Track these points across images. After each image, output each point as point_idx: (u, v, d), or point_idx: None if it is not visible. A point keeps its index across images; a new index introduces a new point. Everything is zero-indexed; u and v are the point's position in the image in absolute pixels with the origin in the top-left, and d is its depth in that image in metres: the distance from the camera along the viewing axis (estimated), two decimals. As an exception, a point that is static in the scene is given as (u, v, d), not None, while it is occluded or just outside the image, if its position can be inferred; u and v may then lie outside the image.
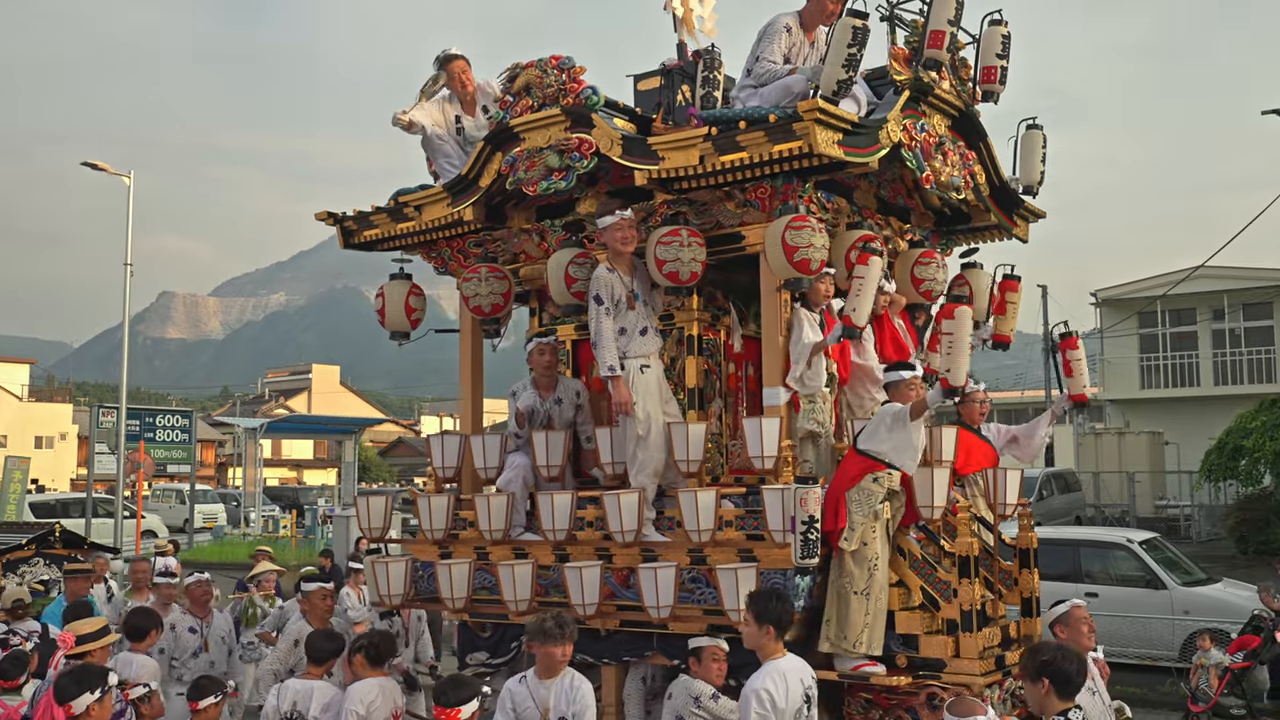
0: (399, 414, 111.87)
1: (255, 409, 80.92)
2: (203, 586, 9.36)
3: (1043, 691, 4.52)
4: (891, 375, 6.75)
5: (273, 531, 35.58)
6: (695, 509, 6.48)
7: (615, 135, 6.86)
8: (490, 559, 7.53)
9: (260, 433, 40.65)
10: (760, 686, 5.25)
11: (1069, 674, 4.50)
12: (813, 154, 6.29)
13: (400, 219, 7.91)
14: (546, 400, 7.62)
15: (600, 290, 6.94)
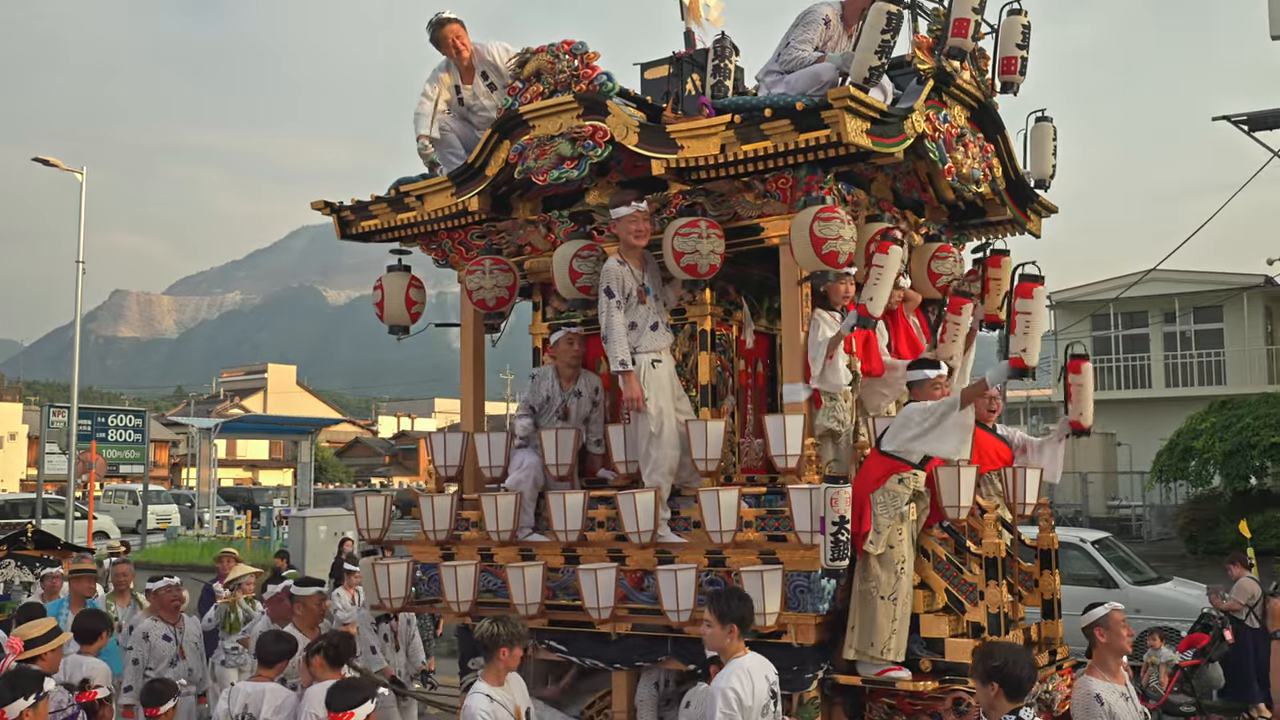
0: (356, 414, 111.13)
1: (210, 409, 79.85)
2: (173, 592, 8.96)
3: (992, 694, 4.56)
4: (916, 374, 6.49)
5: (227, 532, 35.02)
6: (717, 509, 6.18)
7: (632, 123, 6.55)
8: (496, 560, 7.18)
9: (215, 433, 39.94)
10: (727, 685, 5.14)
11: (1020, 678, 4.53)
12: (841, 143, 6.00)
13: (401, 209, 7.54)
14: (566, 391, 7.29)
15: (611, 283, 6.63)
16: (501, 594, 7.12)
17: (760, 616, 5.97)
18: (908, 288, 7.31)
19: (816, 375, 6.47)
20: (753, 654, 5.38)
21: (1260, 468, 25.14)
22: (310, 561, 19.83)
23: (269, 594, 8.52)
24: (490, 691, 5.72)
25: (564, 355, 7.28)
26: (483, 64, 7.53)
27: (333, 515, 26.01)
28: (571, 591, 6.90)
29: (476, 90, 7.54)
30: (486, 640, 5.81)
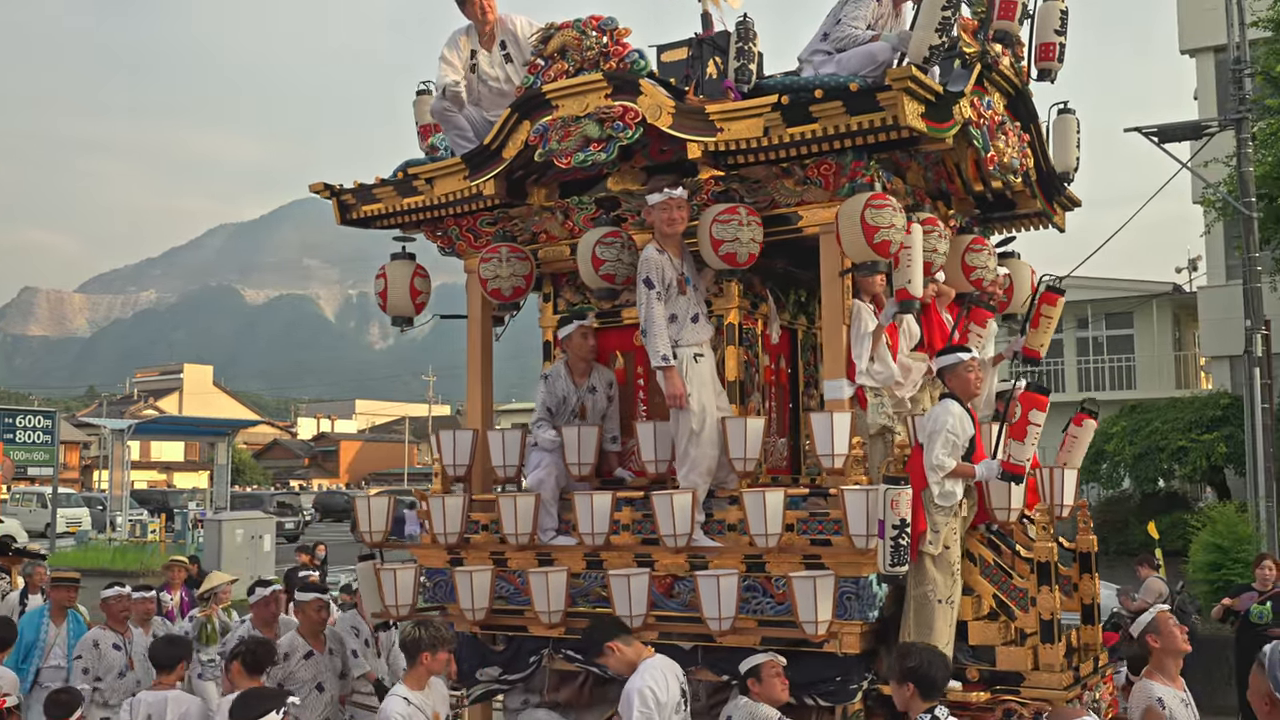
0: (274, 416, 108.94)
1: (123, 409, 77.65)
2: (122, 601, 8.30)
3: (908, 694, 4.59)
4: (947, 359, 6.09)
5: (140, 536, 33.74)
6: (763, 511, 5.70)
7: (667, 103, 6.06)
8: (510, 565, 6.64)
9: (128, 434, 38.58)
10: (644, 685, 5.10)
11: (934, 678, 4.57)
12: (896, 127, 5.57)
13: (408, 193, 6.97)
14: (580, 387, 6.77)
15: (651, 273, 6.13)
16: (515, 600, 6.60)
17: (811, 625, 5.54)
18: (941, 282, 6.89)
19: (863, 369, 6.03)
20: (661, 655, 5.34)
21: (1168, 470, 25.41)
22: (226, 566, 18.98)
23: (255, 598, 7.88)
24: (409, 695, 5.61)
25: (578, 349, 6.77)
26: (504, 33, 6.98)
27: (250, 518, 25.19)
28: (593, 598, 6.40)
29: (493, 59, 6.97)
30: (409, 644, 5.70)
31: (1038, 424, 5.74)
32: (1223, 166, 18.38)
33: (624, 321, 7.02)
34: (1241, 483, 16.59)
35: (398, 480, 73.66)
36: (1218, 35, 19.64)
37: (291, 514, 42.26)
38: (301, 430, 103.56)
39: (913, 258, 5.90)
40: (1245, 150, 16.11)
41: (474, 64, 6.92)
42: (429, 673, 5.72)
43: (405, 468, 78.30)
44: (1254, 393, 15.29)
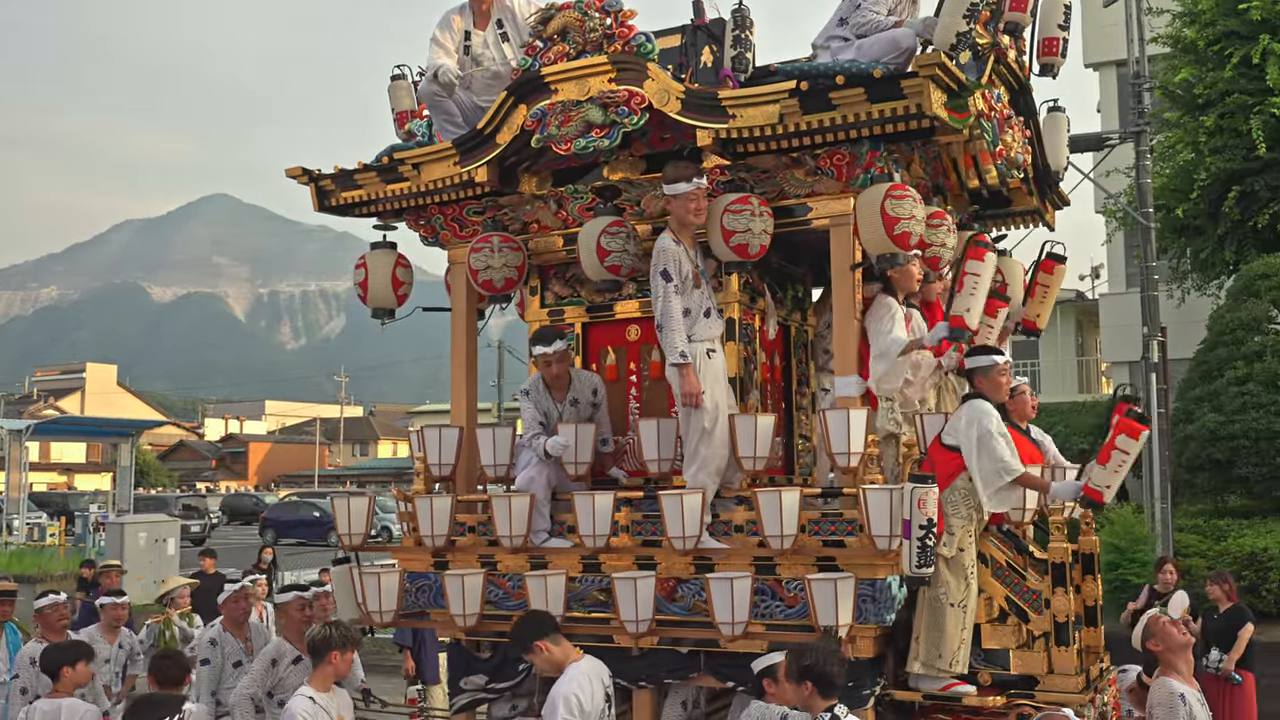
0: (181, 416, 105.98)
1: (22, 409, 74.80)
2: (59, 610, 7.72)
3: (806, 693, 4.52)
4: (981, 360, 5.84)
5: (39, 540, 32.35)
6: (778, 511, 5.39)
7: (675, 88, 5.73)
8: (500, 569, 6.25)
9: (26, 434, 36.84)
10: (570, 691, 4.89)
11: (831, 675, 4.50)
12: (919, 116, 5.32)
13: (393, 179, 6.54)
14: (561, 404, 6.39)
15: (668, 264, 5.79)
16: (504, 605, 6.21)
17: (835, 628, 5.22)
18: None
19: (879, 374, 5.76)
20: (588, 658, 5.14)
21: (1073, 473, 25.57)
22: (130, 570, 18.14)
23: (223, 596, 7.38)
24: (314, 695, 5.41)
25: (546, 376, 6.41)
26: (501, 10, 6.59)
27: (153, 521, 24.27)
28: (589, 603, 6.04)
29: (487, 38, 6.58)
30: (318, 643, 5.54)
31: (1126, 452, 5.39)
32: (1123, 177, 18.65)
33: (615, 316, 6.68)
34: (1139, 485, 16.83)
35: (308, 482, 72.15)
36: (1119, 50, 19.91)
37: (197, 517, 41.09)
38: (209, 431, 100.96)
39: (977, 286, 5.64)
40: (1144, 162, 16.37)
41: (467, 44, 6.53)
42: (336, 673, 5.54)
43: (316, 469, 76.68)
44: (1150, 397, 15.49)
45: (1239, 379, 14.95)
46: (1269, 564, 13.31)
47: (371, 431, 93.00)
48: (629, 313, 6.63)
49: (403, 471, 75.82)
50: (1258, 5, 16.89)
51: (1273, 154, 17.34)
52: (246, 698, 6.45)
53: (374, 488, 65.42)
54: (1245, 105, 17.15)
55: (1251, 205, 17.87)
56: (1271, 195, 17.65)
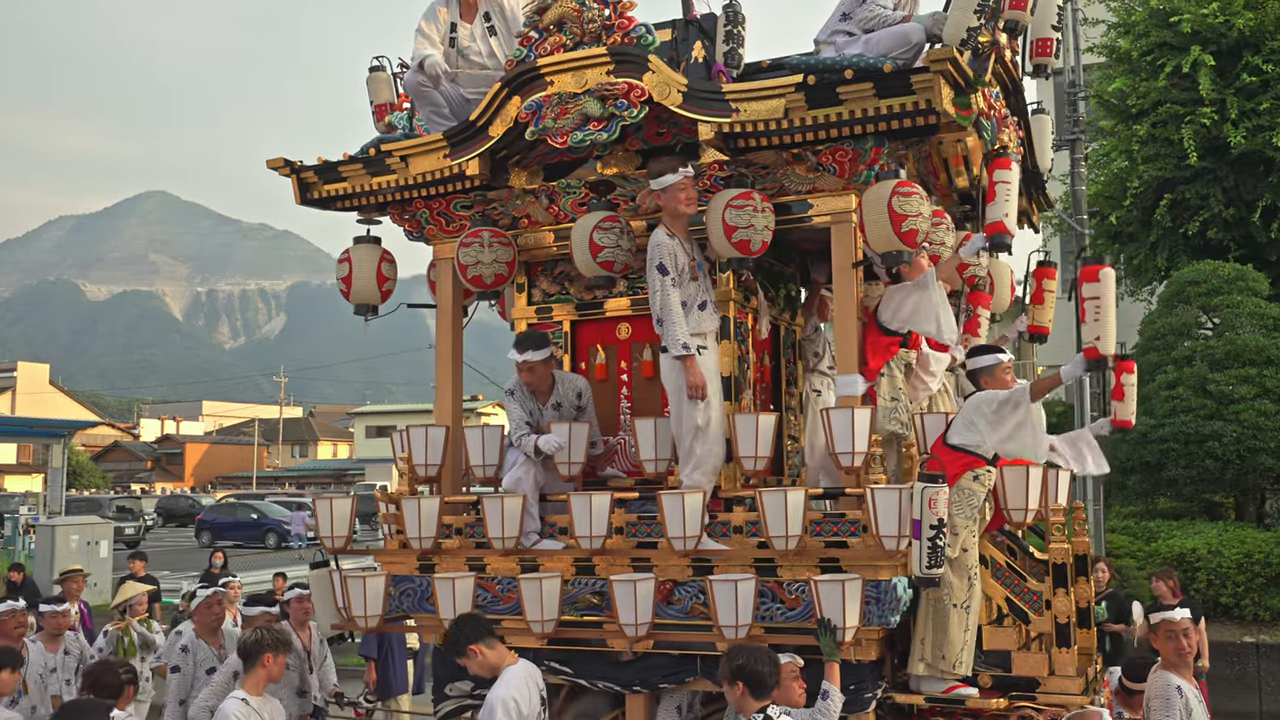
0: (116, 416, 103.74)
1: (-50, 409, 72.84)
2: (16, 618, 7.39)
3: (738, 693, 4.53)
4: (985, 359, 5.75)
5: (-35, 543, 31.37)
6: (784, 512, 5.23)
7: (678, 81, 5.56)
8: (489, 572, 6.04)
9: (-46, 435, 35.86)
10: (507, 695, 4.85)
11: (763, 675, 4.51)
12: (928, 111, 5.19)
13: (379, 171, 6.30)
14: (545, 408, 6.19)
15: (664, 258, 5.62)
16: (493, 609, 5.99)
17: (838, 632, 5.07)
18: None
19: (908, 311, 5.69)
20: (523, 662, 5.13)
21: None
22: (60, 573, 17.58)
23: (196, 601, 7.09)
24: (247, 697, 5.43)
25: (526, 381, 6.19)
26: (489, 3, 6.36)
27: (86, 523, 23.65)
28: (582, 606, 5.84)
29: (474, 31, 6.36)
30: (250, 646, 5.57)
31: (1096, 296, 5.49)
32: (1059, 184, 18.89)
33: (606, 314, 6.49)
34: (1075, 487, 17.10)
35: (246, 484, 71.02)
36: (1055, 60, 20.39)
37: (131, 518, 40.15)
38: (144, 432, 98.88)
39: (1010, 195, 5.63)
40: (1079, 170, 16.56)
41: (453, 37, 6.31)
42: (269, 677, 5.55)
43: (254, 471, 75.48)
44: (1084, 401, 15.67)
45: (1169, 383, 15.11)
46: (1197, 565, 13.47)
47: (311, 432, 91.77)
48: (620, 310, 6.44)
49: (343, 473, 74.84)
50: (1189, 18, 17.16)
51: (1203, 163, 17.63)
52: (206, 710, 6.18)
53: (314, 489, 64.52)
54: (1177, 115, 17.41)
55: (1182, 213, 18.17)
56: (1201, 203, 17.95)
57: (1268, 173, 17.81)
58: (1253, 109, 17.27)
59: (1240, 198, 17.99)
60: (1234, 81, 17.50)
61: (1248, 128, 17.19)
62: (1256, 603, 13.35)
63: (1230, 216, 17.94)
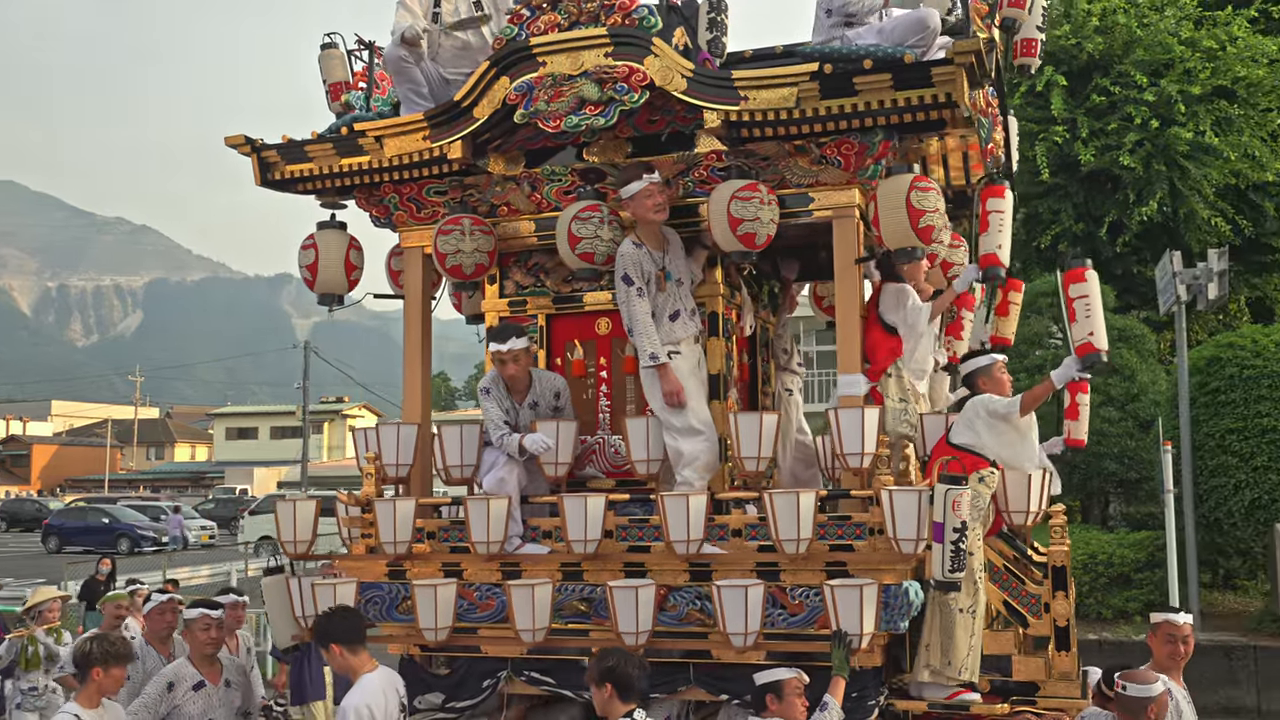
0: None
1: None
2: None
3: (606, 695, 4.46)
4: (981, 360, 5.61)
5: None
6: (795, 514, 4.97)
7: (683, 66, 5.26)
8: (467, 578, 5.64)
9: None
10: (361, 702, 4.71)
11: (631, 677, 4.45)
12: (946, 105, 5.00)
13: (350, 152, 5.85)
14: (521, 407, 5.83)
15: (629, 269, 5.39)
16: (469, 617, 5.60)
17: (855, 638, 4.83)
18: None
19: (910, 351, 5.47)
20: (382, 669, 4.95)
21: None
22: None
23: (149, 606, 6.52)
24: (80, 712, 5.18)
25: (504, 375, 5.84)
26: None
27: None
28: (568, 613, 5.49)
29: (458, 6, 5.96)
30: (80, 659, 5.30)
31: (1085, 296, 5.40)
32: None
33: (584, 308, 6.15)
34: None
35: (98, 487, 67.92)
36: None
37: (-29, 523, 37.97)
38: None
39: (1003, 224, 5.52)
40: None
41: (436, 11, 5.90)
42: (101, 690, 5.26)
43: (106, 473, 72.27)
44: None
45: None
46: None
47: (168, 434, 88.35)
48: (599, 304, 6.11)
49: (202, 476, 72.19)
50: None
51: (1055, 179, 18.37)
52: None
53: (170, 492, 62.02)
54: (1031, 133, 17.94)
55: (1035, 226, 18.88)
56: (1053, 218, 18.70)
57: (1114, 190, 18.56)
58: (1101, 129, 18.01)
59: (1089, 213, 18.77)
60: (1084, 102, 18.25)
61: (1097, 146, 17.92)
62: (1100, 601, 13.84)
63: (1079, 231, 18.64)
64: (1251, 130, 18.54)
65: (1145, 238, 18.57)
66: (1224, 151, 17.87)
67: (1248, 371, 13.69)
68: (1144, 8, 19.05)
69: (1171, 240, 18.31)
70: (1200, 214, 18.34)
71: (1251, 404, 13.58)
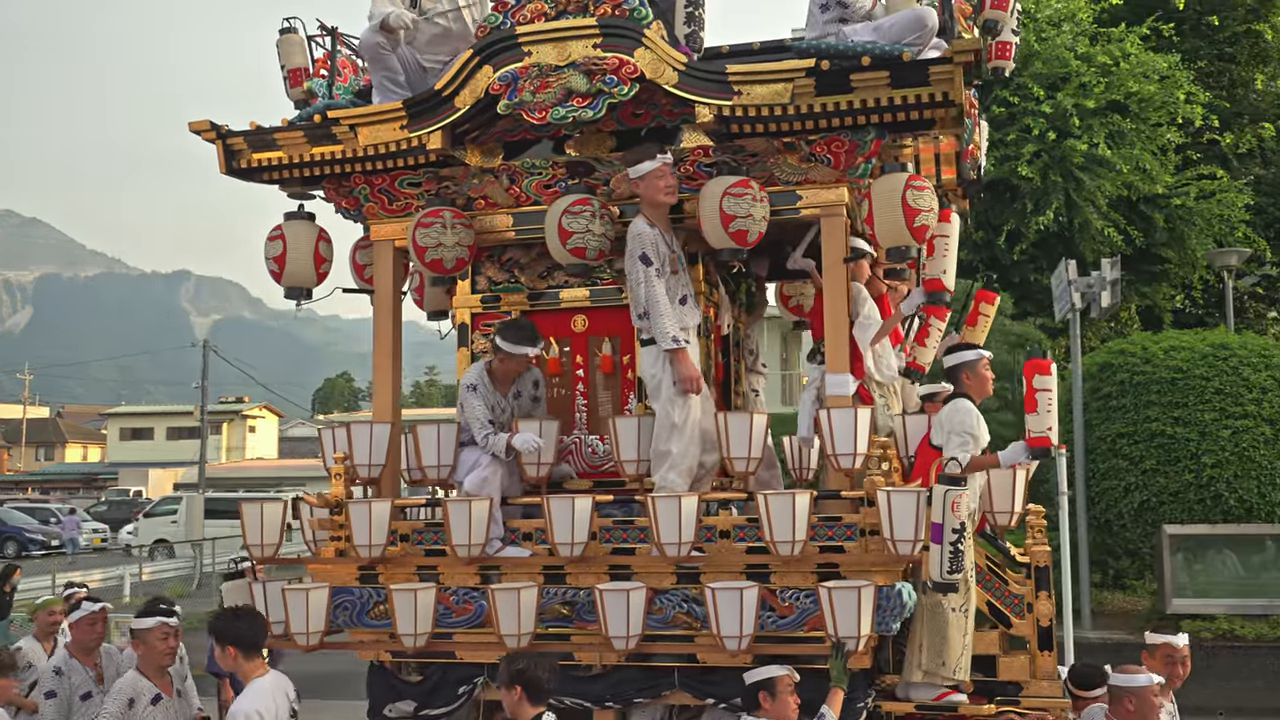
0: None
1: None
2: None
3: (515, 699, 4.40)
4: (966, 355, 5.50)
5: None
6: (791, 516, 4.79)
7: (675, 59, 5.05)
8: (444, 582, 5.35)
9: None
10: (250, 708, 4.57)
11: (541, 680, 4.41)
12: (941, 104, 4.89)
13: (322, 140, 5.53)
14: (506, 396, 5.60)
15: (646, 249, 5.15)
16: (444, 622, 5.31)
17: (853, 641, 4.66)
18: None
19: (870, 364, 5.27)
20: (273, 674, 4.83)
21: (784, 475, 26.61)
22: None
23: (76, 615, 6.04)
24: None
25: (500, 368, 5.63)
26: None
27: None
28: (549, 617, 5.23)
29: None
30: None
31: (1048, 389, 5.25)
32: None
33: (561, 305, 5.91)
34: None
35: (-18, 489, 65.00)
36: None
37: None
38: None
39: (949, 249, 5.23)
40: None
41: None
42: None
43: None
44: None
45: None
46: None
47: (59, 434, 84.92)
48: (576, 301, 5.89)
49: (94, 477, 69.49)
50: None
51: None
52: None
53: (60, 494, 59.54)
54: None
55: None
56: None
57: (1013, 199, 18.86)
58: (1000, 139, 18.27)
59: (989, 221, 19.02)
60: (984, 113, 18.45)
61: (996, 156, 18.18)
62: None
63: (980, 239, 18.84)
64: (1143, 144, 18.97)
65: (1042, 246, 18.89)
66: (1117, 164, 18.24)
67: (1138, 377, 13.98)
68: (1042, 23, 19.41)
69: (1067, 249, 18.63)
70: (1094, 224, 18.69)
71: (1141, 409, 13.86)
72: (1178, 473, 13.42)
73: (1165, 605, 12.75)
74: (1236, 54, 20.07)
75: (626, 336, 5.72)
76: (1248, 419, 13.30)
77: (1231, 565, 13.58)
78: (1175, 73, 18.52)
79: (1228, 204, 18.69)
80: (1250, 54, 20.16)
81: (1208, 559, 13.44)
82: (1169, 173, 18.85)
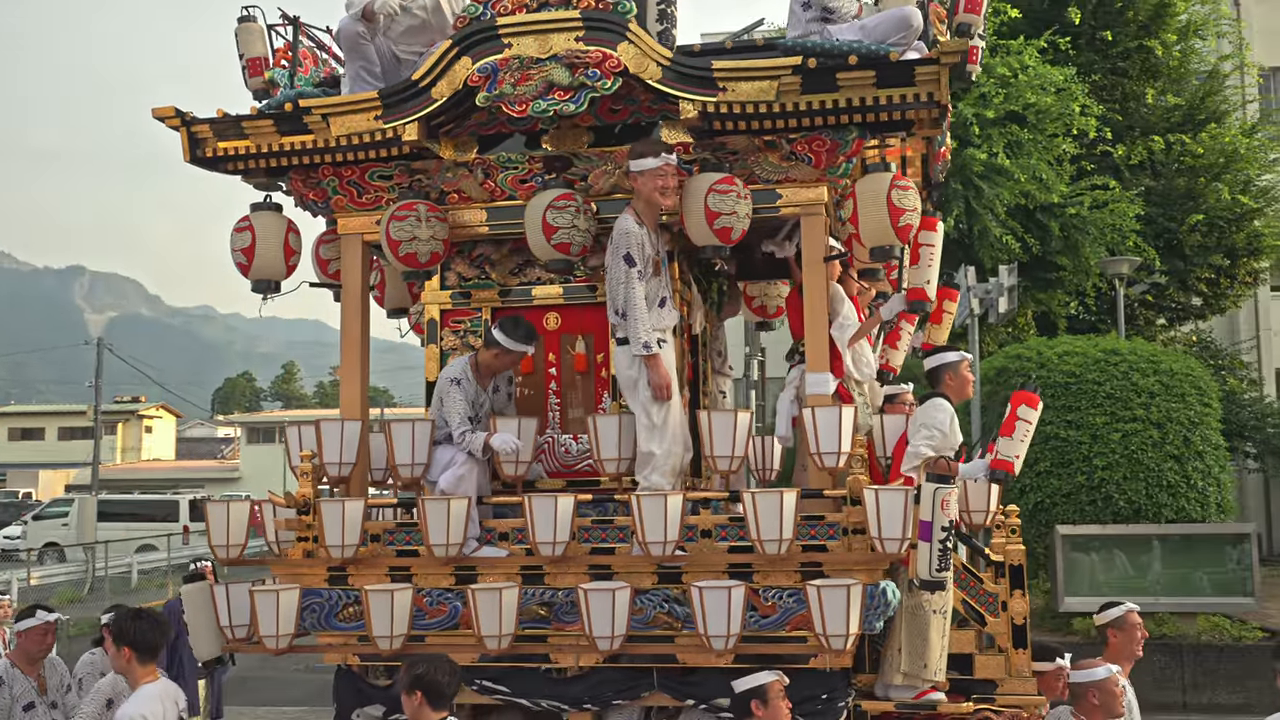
0: None
1: None
2: None
3: (416, 703, 4.26)
4: (949, 356, 5.45)
5: None
6: (779, 515, 4.68)
7: (660, 53, 4.92)
8: (416, 582, 5.12)
9: None
10: (136, 712, 4.52)
11: (441, 684, 4.26)
12: (926, 104, 4.85)
13: (291, 130, 5.27)
14: (485, 391, 5.48)
15: (632, 248, 5.01)
16: (417, 624, 5.10)
17: (840, 640, 4.58)
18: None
19: (849, 363, 5.18)
20: (163, 680, 4.80)
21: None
22: None
23: (24, 624, 5.65)
24: None
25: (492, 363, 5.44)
26: None
27: None
28: (528, 618, 5.03)
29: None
30: None
31: (1029, 420, 5.17)
32: None
33: (533, 302, 5.71)
34: None
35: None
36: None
37: None
38: None
39: (933, 258, 5.16)
40: None
41: None
42: None
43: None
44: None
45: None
46: None
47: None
48: (548, 298, 5.73)
49: (-25, 479, 66.28)
50: None
51: None
52: None
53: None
54: None
55: None
56: None
57: None
58: None
59: None
60: None
61: None
62: None
63: None
64: (1039, 154, 19.22)
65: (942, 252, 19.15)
66: (1014, 173, 18.45)
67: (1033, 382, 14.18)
68: (944, 35, 19.66)
69: (966, 255, 18.83)
70: (993, 231, 18.89)
71: (1036, 412, 14.08)
72: (1070, 475, 13.60)
73: (1058, 604, 12.92)
74: (1129, 69, 20.54)
75: (600, 334, 5.58)
76: (1136, 423, 13.52)
77: (1121, 564, 13.83)
78: (1071, 85, 18.82)
79: (1120, 214, 19.08)
80: (1142, 69, 20.66)
81: (1099, 558, 13.68)
82: (1064, 182, 19.18)
